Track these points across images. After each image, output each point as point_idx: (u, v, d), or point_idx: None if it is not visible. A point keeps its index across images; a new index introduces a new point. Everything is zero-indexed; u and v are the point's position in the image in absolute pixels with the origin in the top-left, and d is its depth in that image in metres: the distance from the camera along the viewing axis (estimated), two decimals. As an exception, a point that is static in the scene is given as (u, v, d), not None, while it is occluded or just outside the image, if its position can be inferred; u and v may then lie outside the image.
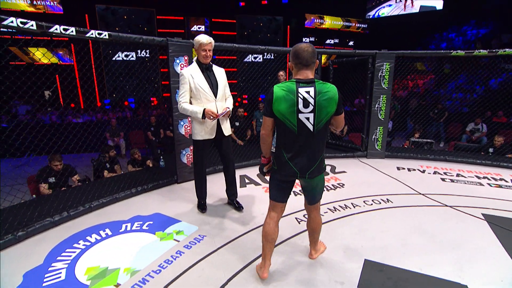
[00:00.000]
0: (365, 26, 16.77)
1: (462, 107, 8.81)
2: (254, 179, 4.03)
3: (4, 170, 3.99)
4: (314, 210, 2.13)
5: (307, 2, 15.31)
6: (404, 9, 15.61)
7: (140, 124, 8.71)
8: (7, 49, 2.63)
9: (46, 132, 3.51)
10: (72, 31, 2.70)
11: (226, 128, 2.90)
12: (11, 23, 2.33)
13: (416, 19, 15.37)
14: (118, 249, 2.47)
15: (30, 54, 10.51)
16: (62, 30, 2.64)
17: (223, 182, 3.19)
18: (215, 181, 3.80)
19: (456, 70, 6.34)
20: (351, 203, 3.27)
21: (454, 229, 2.75)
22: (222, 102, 2.84)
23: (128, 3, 12.68)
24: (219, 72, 2.85)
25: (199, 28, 14.11)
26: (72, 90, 11.82)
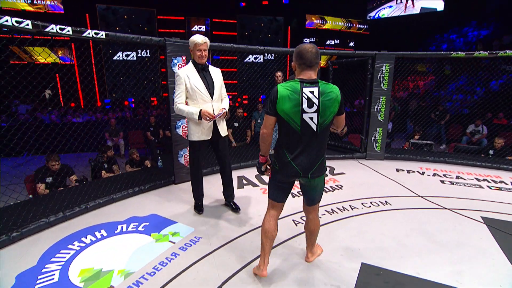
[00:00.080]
0: (366, 27, 16.74)
1: (463, 108, 8.77)
2: (252, 180, 4.01)
3: (2, 170, 3.97)
4: (313, 212, 2.11)
5: (308, 2, 15.29)
6: (404, 10, 15.57)
7: (139, 124, 8.69)
8: (7, 48, 2.60)
9: (45, 131, 3.49)
10: (68, 31, 2.69)
11: (223, 129, 2.87)
12: (6, 22, 2.32)
13: (417, 20, 15.33)
14: (113, 250, 2.45)
15: (35, 56, 10.46)
16: (58, 29, 2.62)
17: (221, 183, 3.16)
18: (213, 182, 3.78)
19: (456, 72, 6.32)
20: (349, 205, 3.25)
21: (452, 232, 2.72)
22: (218, 102, 2.81)
23: (129, 3, 12.67)
24: (215, 72, 2.82)
25: (200, 28, 14.09)
26: (72, 90, 11.80)
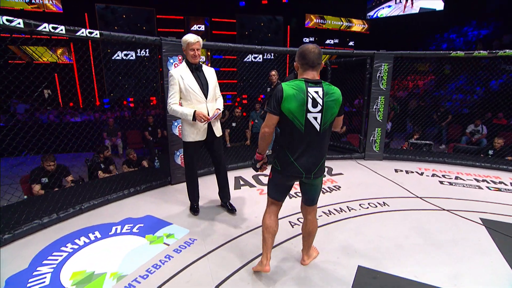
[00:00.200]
0: (365, 27, 16.68)
1: (462, 108, 8.73)
2: (249, 181, 3.97)
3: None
4: (312, 212, 2.11)
5: (307, 2, 15.23)
6: (403, 10, 15.52)
7: (137, 123, 8.64)
8: (6, 47, 2.56)
9: (44, 131, 3.45)
10: (61, 30, 2.65)
11: (218, 129, 2.84)
12: (-3, 21, 2.28)
13: (417, 19, 15.28)
14: (107, 252, 2.41)
15: (34, 56, 10.41)
16: (51, 28, 2.58)
17: (217, 184, 3.12)
18: (209, 183, 3.74)
19: (456, 71, 6.28)
20: (347, 207, 3.21)
21: (451, 234, 2.69)
22: (212, 102, 2.77)
23: (128, 2, 12.62)
24: (209, 72, 2.78)
25: (199, 27, 14.03)
26: (71, 89, 11.75)
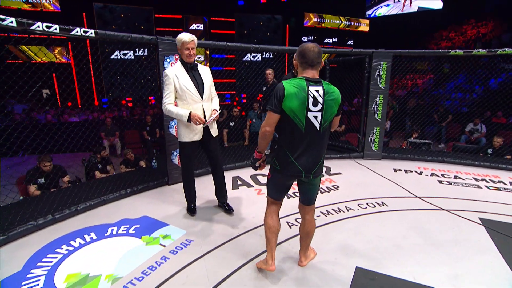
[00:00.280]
0: (364, 25, 16.65)
1: (461, 107, 8.71)
2: (247, 181, 3.94)
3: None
4: (310, 212, 2.10)
5: (306, 1, 15.19)
6: (402, 9, 15.49)
7: (136, 123, 8.61)
8: (3, 47, 2.53)
9: (41, 131, 3.41)
10: (55, 29, 2.61)
11: (214, 129, 2.80)
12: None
13: (416, 18, 15.25)
14: (102, 254, 2.38)
15: (37, 55, 10.33)
16: (45, 27, 2.55)
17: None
18: (206, 183, 3.71)
19: (455, 70, 6.24)
20: (345, 207, 3.19)
21: (450, 234, 2.67)
22: (208, 102, 2.74)
23: (127, 2, 12.56)
24: (204, 71, 2.74)
25: (198, 26, 14.00)
26: (69, 89, 11.70)
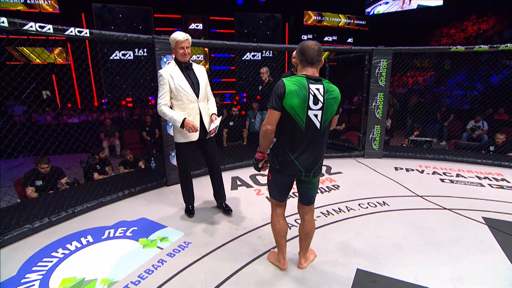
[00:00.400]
0: (364, 23, 16.55)
1: (463, 104, 8.64)
2: (246, 181, 3.90)
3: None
4: (310, 212, 2.07)
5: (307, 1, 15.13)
6: (402, 6, 15.39)
7: (135, 124, 8.57)
8: (3, 49, 2.51)
9: (41, 132, 3.39)
10: (49, 29, 2.57)
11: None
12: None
13: (416, 15, 15.16)
14: (98, 257, 2.34)
15: (32, 56, 10.30)
16: (38, 27, 2.50)
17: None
18: (205, 184, 3.65)
19: (456, 67, 6.18)
20: (346, 207, 3.14)
21: (453, 234, 2.61)
22: (204, 102, 2.69)
23: (126, 2, 12.52)
24: (199, 70, 2.69)
25: (197, 26, 13.95)
26: (69, 90, 11.67)
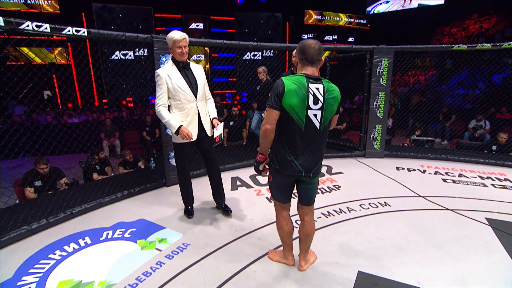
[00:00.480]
0: (365, 22, 16.49)
1: (465, 103, 8.58)
2: (246, 181, 3.86)
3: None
4: (310, 213, 2.04)
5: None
6: (403, 5, 15.31)
7: (135, 124, 8.54)
8: (4, 48, 2.49)
9: (41, 132, 3.37)
10: (46, 28, 2.54)
11: (209, 128, 2.72)
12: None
13: (418, 14, 15.09)
14: (96, 259, 2.32)
15: (31, 56, 10.27)
16: (35, 27, 2.48)
17: (213, 185, 3.03)
18: (205, 184, 3.60)
19: (458, 66, 6.12)
20: (347, 207, 3.10)
21: (455, 235, 2.57)
22: (202, 102, 2.66)
23: (126, 1, 12.50)
24: (197, 70, 2.66)
25: (198, 25, 13.93)
26: (69, 90, 11.65)
